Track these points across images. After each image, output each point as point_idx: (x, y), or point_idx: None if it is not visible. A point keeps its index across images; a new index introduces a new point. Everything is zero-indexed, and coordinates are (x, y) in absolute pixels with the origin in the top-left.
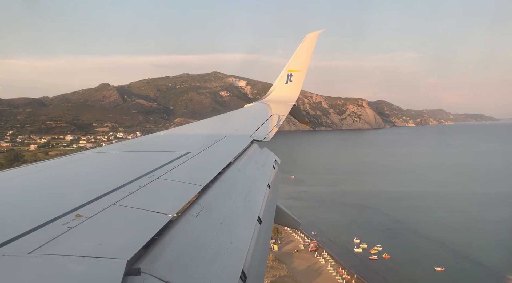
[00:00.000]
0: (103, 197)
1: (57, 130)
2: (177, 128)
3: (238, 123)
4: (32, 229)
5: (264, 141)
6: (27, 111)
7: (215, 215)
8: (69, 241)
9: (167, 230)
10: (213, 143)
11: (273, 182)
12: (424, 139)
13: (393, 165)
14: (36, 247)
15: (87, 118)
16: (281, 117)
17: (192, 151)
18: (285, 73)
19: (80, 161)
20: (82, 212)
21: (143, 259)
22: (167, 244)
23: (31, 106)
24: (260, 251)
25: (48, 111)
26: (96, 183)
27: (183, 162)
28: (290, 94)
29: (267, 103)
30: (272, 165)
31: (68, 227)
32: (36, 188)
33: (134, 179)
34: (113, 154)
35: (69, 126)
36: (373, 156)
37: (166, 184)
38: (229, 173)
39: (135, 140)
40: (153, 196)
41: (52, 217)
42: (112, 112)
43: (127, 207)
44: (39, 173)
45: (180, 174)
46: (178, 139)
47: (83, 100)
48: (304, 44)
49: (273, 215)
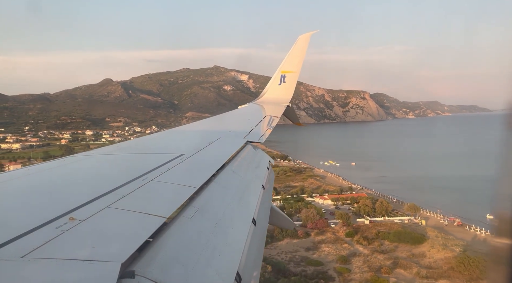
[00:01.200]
0: (97, 200)
1: (73, 125)
2: (170, 130)
3: (232, 124)
4: (25, 233)
5: (258, 142)
6: (37, 107)
7: (209, 217)
8: (63, 245)
9: (161, 233)
10: (207, 144)
11: (267, 183)
12: (437, 129)
13: (432, 152)
14: (29, 251)
15: (99, 113)
16: (274, 118)
17: (186, 153)
18: (278, 74)
19: (74, 164)
20: (75, 215)
21: (137, 261)
22: (162, 246)
23: (40, 102)
24: (255, 253)
25: (58, 107)
26: (90, 186)
27: (177, 164)
28: (284, 95)
29: (260, 104)
30: (266, 166)
31: (61, 231)
32: (29, 191)
33: (128, 181)
34: (107, 157)
35: (84, 121)
36: (406, 144)
37: (160, 186)
38: (223, 174)
39: (128, 142)
40: (147, 198)
41: (45, 220)
42: (123, 107)
43: (121, 210)
44: (32, 176)
45: (174, 176)
46: (172, 141)
47: (88, 95)
48: (297, 45)
49: (267, 216)
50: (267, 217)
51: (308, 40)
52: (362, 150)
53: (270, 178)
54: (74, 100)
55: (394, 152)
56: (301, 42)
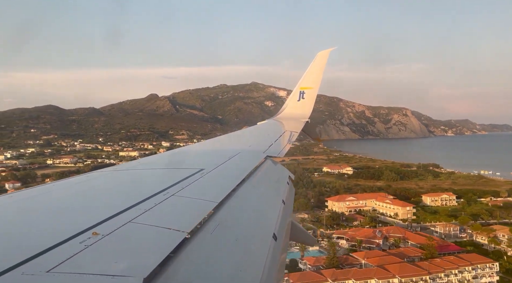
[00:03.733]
0: (119, 215)
1: (143, 137)
2: (191, 145)
3: (251, 139)
4: (49, 248)
5: (278, 157)
6: (102, 120)
7: (230, 232)
8: (86, 259)
9: (182, 247)
10: (227, 159)
11: (287, 198)
12: (496, 144)
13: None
14: (54, 266)
15: (161, 126)
16: (293, 133)
17: (207, 168)
18: (297, 90)
19: (96, 179)
20: (98, 230)
21: (159, 277)
22: (183, 261)
23: (95, 116)
24: (276, 268)
25: (121, 120)
26: (112, 201)
27: (198, 178)
28: (303, 111)
29: (280, 120)
30: (286, 181)
31: (85, 245)
32: (53, 207)
33: (150, 196)
34: (128, 172)
35: (152, 133)
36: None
37: (181, 201)
38: (243, 189)
39: (149, 158)
40: (169, 213)
41: (69, 235)
42: (184, 121)
43: (143, 225)
44: (56, 192)
45: (195, 190)
46: (193, 156)
47: (137, 110)
48: (316, 61)
49: (288, 231)
50: (288, 233)
51: (327, 56)
52: (501, 159)
53: (290, 192)
54: (126, 114)
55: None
56: (320, 58)
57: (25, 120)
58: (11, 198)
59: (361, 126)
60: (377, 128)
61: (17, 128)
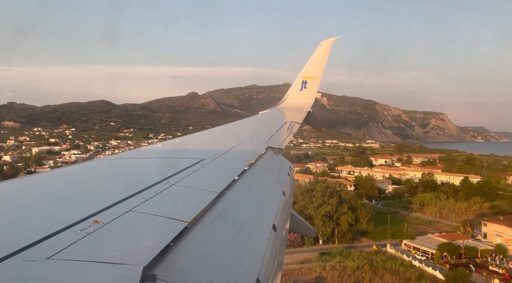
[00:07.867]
0: (120, 203)
1: None
2: (191, 135)
3: (252, 130)
4: (50, 235)
5: (279, 148)
6: (167, 115)
7: (230, 222)
8: (87, 247)
9: (182, 237)
10: (227, 149)
11: (287, 189)
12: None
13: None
14: (54, 252)
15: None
16: (295, 124)
17: (207, 158)
18: (299, 79)
19: (97, 168)
20: (99, 218)
21: (159, 265)
22: (183, 250)
23: (170, 112)
24: (275, 259)
25: (185, 116)
26: (113, 190)
27: (198, 168)
28: (305, 101)
29: (281, 110)
30: (287, 172)
31: (85, 233)
32: (54, 194)
33: (150, 185)
34: (130, 161)
35: None
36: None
37: (181, 191)
38: (243, 179)
39: (150, 147)
40: (169, 202)
41: (70, 223)
42: (235, 118)
43: (144, 213)
44: (57, 179)
45: (195, 180)
46: (193, 146)
47: (183, 107)
48: (319, 50)
49: (288, 222)
50: (288, 224)
51: (331, 45)
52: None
53: (290, 184)
54: (175, 111)
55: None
56: (323, 47)
57: (98, 114)
58: (13, 184)
59: (399, 129)
60: (416, 131)
61: (96, 121)
